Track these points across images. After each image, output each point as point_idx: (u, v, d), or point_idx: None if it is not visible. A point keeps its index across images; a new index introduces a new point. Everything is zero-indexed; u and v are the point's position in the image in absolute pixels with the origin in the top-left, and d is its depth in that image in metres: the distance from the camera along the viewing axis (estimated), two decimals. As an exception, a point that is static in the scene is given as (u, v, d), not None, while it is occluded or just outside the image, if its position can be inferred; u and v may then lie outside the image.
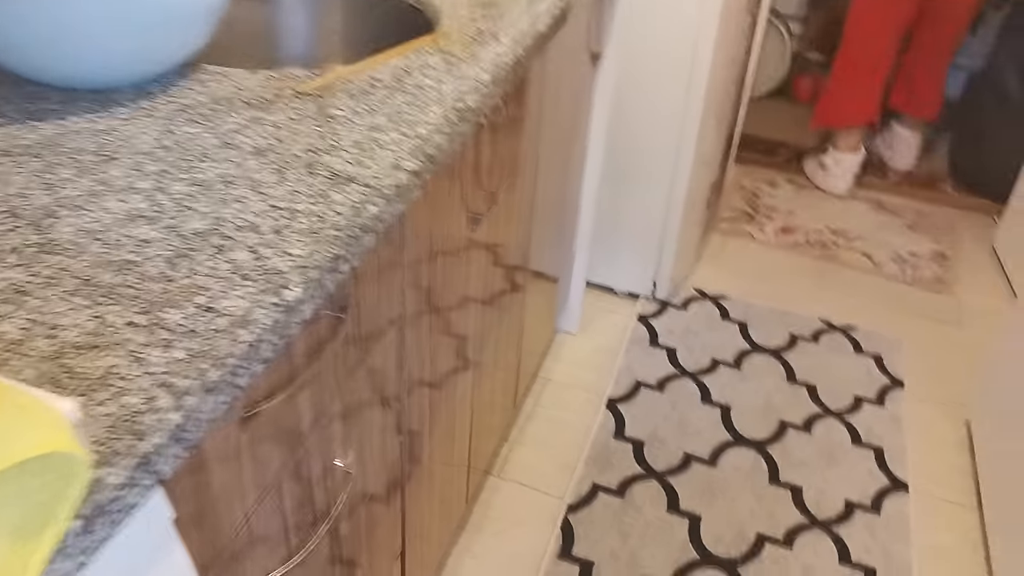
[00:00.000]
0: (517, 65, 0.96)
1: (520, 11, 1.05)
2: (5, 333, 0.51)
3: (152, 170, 0.68)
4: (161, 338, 0.51)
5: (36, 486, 0.38)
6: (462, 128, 0.83)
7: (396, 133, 0.76)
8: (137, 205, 0.63)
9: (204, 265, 0.58)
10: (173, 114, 0.76)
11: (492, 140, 1.04)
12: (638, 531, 1.51)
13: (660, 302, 2.06)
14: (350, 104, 0.80)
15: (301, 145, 0.73)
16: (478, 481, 1.52)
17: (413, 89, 0.84)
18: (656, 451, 1.67)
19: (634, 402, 1.78)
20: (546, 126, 1.31)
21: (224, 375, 0.50)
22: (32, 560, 0.37)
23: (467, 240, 1.05)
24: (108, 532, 0.42)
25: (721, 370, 1.87)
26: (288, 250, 0.60)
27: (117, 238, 0.60)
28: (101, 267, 0.57)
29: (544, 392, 1.80)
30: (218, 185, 0.67)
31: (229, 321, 0.53)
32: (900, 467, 1.68)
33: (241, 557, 0.66)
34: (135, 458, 0.43)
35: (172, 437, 0.46)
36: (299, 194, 0.67)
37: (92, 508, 0.41)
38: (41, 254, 0.58)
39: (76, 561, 0.40)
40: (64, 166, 0.67)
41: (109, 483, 0.42)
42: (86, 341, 0.50)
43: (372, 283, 0.78)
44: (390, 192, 0.69)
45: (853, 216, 2.44)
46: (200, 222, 0.62)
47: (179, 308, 0.54)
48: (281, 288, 0.56)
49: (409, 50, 0.93)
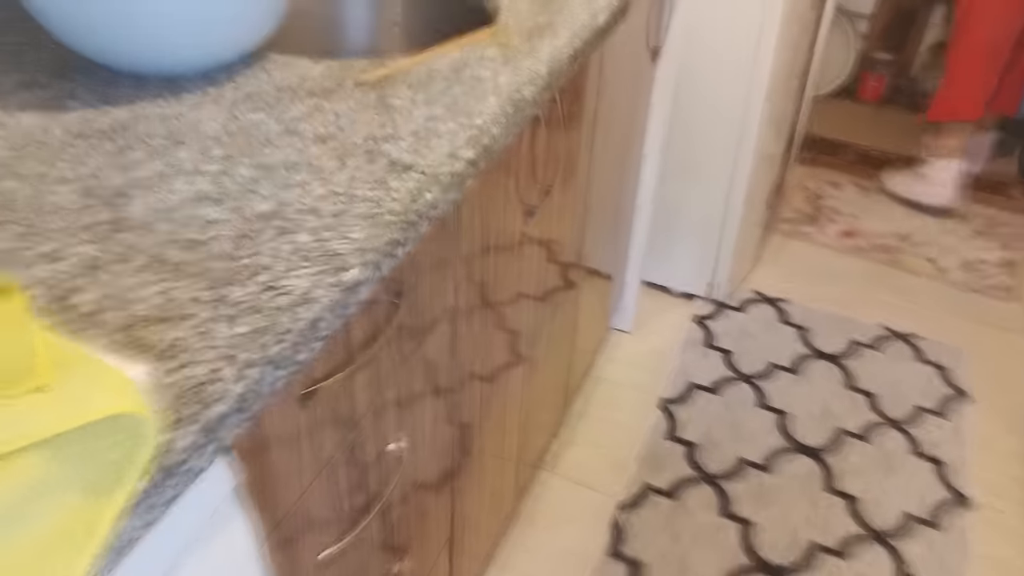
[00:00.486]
0: (575, 58, 0.96)
1: (579, 5, 1.05)
2: (79, 305, 0.53)
3: (218, 154, 0.70)
4: (225, 313, 0.53)
5: (108, 445, 0.39)
6: (518, 119, 0.83)
7: (453, 123, 0.77)
8: (204, 187, 0.65)
9: (266, 246, 0.59)
10: (238, 101, 0.78)
11: (548, 133, 1.04)
12: (689, 534, 1.49)
13: (717, 303, 2.03)
14: (409, 94, 0.82)
15: (361, 133, 0.74)
16: (528, 476, 1.52)
17: (471, 80, 0.85)
18: (709, 454, 1.65)
19: (688, 404, 1.76)
20: (602, 121, 1.31)
21: (284, 350, 0.51)
22: (104, 516, 0.39)
23: (520, 234, 1.06)
24: (174, 493, 0.44)
25: (778, 374, 1.84)
26: (347, 234, 0.61)
27: (184, 218, 0.62)
28: (169, 245, 0.59)
29: (596, 390, 1.79)
30: (281, 170, 0.68)
31: (290, 300, 0.54)
32: (960, 479, 1.63)
33: (296, 532, 0.67)
34: (200, 424, 0.45)
35: (235, 407, 0.47)
36: (358, 180, 0.68)
37: (160, 470, 0.42)
38: (113, 231, 0.60)
39: (144, 519, 0.42)
40: (135, 149, 0.70)
41: (176, 447, 0.43)
42: (154, 314, 0.52)
43: (427, 273, 0.79)
44: (446, 180, 0.70)
45: (918, 220, 2.38)
46: (263, 205, 0.64)
47: (242, 286, 0.55)
48: (340, 270, 0.58)
49: (468, 43, 0.94)
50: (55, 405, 0.38)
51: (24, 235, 0.59)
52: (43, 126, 0.73)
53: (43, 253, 0.58)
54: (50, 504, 0.38)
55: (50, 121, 0.74)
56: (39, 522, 0.38)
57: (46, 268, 0.56)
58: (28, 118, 0.74)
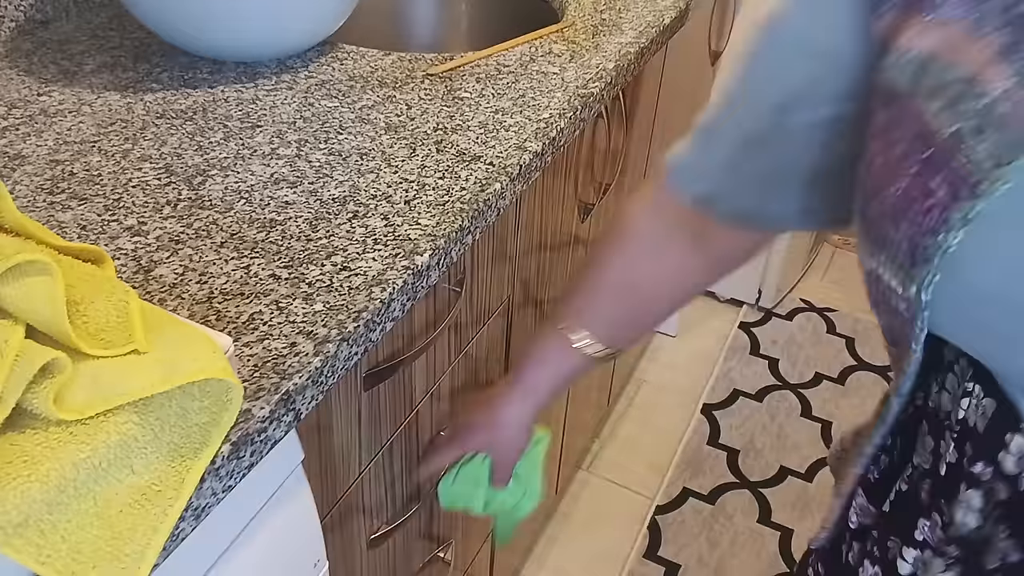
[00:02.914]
0: (640, 56, 0.97)
1: (644, 4, 1.06)
2: (163, 276, 0.55)
3: (293, 139, 0.72)
4: (302, 291, 0.54)
5: (196, 408, 0.41)
6: (583, 115, 0.84)
7: (520, 116, 0.78)
8: (280, 170, 0.67)
9: (341, 228, 0.61)
10: (312, 88, 0.80)
11: (609, 132, 1.05)
12: (727, 539, 1.49)
13: (764, 311, 2.02)
14: (477, 87, 0.83)
15: (431, 124, 0.76)
16: (568, 474, 1.52)
17: (537, 75, 0.86)
18: (752, 461, 1.64)
19: (731, 410, 1.75)
20: (661, 122, 1.31)
21: (359, 327, 0.52)
22: (188, 477, 0.40)
23: (575, 233, 1.06)
24: (253, 461, 0.45)
25: (824, 384, 1.82)
26: (418, 220, 0.63)
27: (262, 198, 0.63)
28: (247, 223, 0.60)
29: (638, 393, 1.79)
30: (354, 156, 0.70)
31: (363, 280, 0.56)
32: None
33: (351, 512, 0.69)
34: (278, 395, 0.46)
35: (311, 379, 0.48)
36: (428, 169, 0.69)
37: (240, 435, 0.44)
38: (194, 208, 0.62)
39: (224, 483, 0.43)
40: (214, 130, 0.72)
41: (255, 415, 0.45)
42: (234, 288, 0.54)
43: (486, 265, 0.80)
44: (513, 171, 0.71)
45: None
46: (337, 189, 0.65)
47: (318, 265, 0.57)
48: (412, 254, 0.59)
49: (535, 38, 0.95)
50: (150, 367, 0.39)
51: (109, 208, 0.62)
52: (126, 106, 0.75)
53: (128, 226, 0.60)
54: (140, 462, 0.40)
55: (133, 101, 0.76)
56: (129, 479, 0.39)
57: (130, 240, 0.58)
58: (112, 98, 0.77)
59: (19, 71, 0.81)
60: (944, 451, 0.47)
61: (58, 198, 0.62)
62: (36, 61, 0.83)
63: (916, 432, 0.51)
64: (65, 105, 0.75)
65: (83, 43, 0.87)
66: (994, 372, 0.42)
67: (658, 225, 0.58)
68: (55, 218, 0.60)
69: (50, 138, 0.70)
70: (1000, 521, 0.44)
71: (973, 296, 0.38)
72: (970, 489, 0.45)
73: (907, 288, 0.39)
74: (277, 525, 0.53)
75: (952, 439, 0.46)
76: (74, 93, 0.77)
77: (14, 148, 0.68)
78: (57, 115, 0.73)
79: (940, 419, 0.48)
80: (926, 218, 0.37)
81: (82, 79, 0.80)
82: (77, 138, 0.70)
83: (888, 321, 0.44)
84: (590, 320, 0.62)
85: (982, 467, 0.44)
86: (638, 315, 0.63)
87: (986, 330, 0.40)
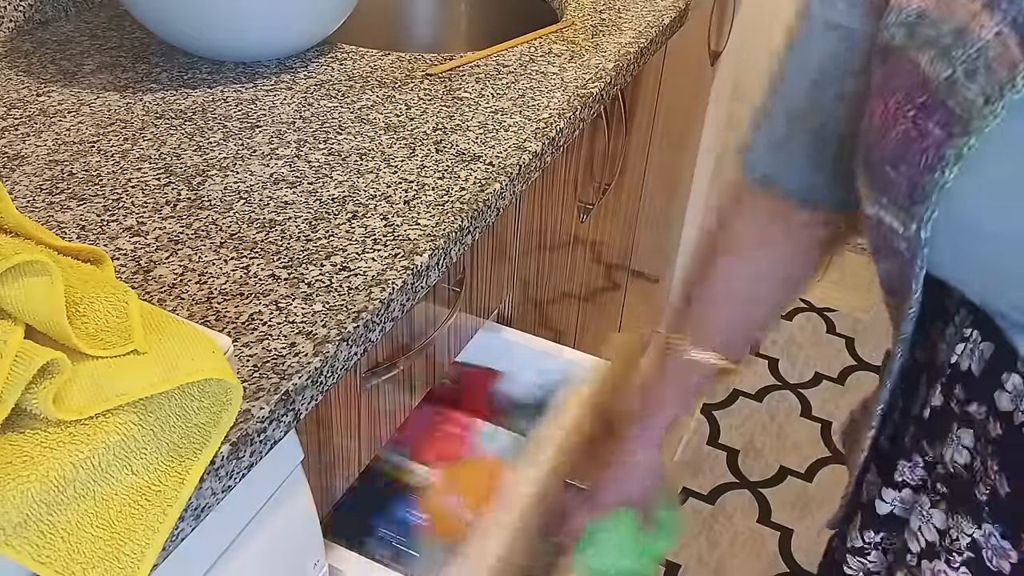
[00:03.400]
0: (639, 57, 0.96)
1: (644, 4, 1.06)
2: (162, 276, 0.55)
3: (292, 139, 0.72)
4: (301, 291, 0.54)
5: (195, 408, 0.41)
6: (583, 115, 0.84)
7: (519, 116, 0.78)
8: (279, 170, 0.67)
9: (340, 228, 0.61)
10: (312, 88, 0.80)
11: (608, 132, 1.05)
12: (727, 539, 1.49)
13: (762, 311, 2.02)
14: (476, 87, 0.83)
15: (430, 124, 0.76)
16: (568, 474, 1.52)
17: (537, 75, 0.86)
18: (751, 461, 1.64)
19: (731, 410, 1.75)
20: (661, 122, 1.31)
21: (359, 327, 0.52)
22: (188, 477, 0.40)
23: (574, 233, 1.06)
24: (252, 461, 0.45)
25: (824, 384, 1.82)
26: (417, 220, 0.63)
27: (261, 198, 0.63)
28: (246, 223, 0.60)
29: (638, 393, 1.79)
30: (353, 156, 0.70)
31: (363, 280, 0.56)
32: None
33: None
34: (278, 395, 0.46)
35: (311, 379, 0.48)
36: (427, 169, 0.69)
37: (240, 436, 0.44)
38: (193, 208, 0.62)
39: (224, 483, 0.43)
40: (213, 130, 0.72)
41: (255, 415, 0.45)
42: (233, 289, 0.54)
43: (486, 265, 0.80)
44: (513, 171, 0.71)
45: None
46: (337, 189, 0.65)
47: (317, 266, 0.57)
48: (411, 254, 0.59)
49: (534, 38, 0.95)
50: (150, 367, 0.39)
51: (109, 208, 0.62)
52: (126, 106, 0.75)
53: (127, 226, 0.60)
54: (139, 463, 0.40)
55: (132, 101, 0.76)
56: (128, 479, 0.39)
57: (130, 241, 0.58)
58: (111, 98, 0.77)
59: (18, 71, 0.81)
60: (930, 396, 0.49)
61: (57, 198, 0.62)
62: (35, 61, 0.83)
63: (917, 388, 0.52)
64: (64, 105, 0.75)
65: (82, 43, 0.87)
66: (991, 312, 0.44)
67: (748, 221, 0.59)
68: (54, 218, 0.60)
69: (49, 138, 0.70)
70: (993, 456, 0.45)
71: (969, 231, 0.40)
72: (961, 428, 0.47)
73: (908, 227, 0.41)
74: (277, 525, 0.53)
75: (941, 383, 0.48)
76: (73, 93, 0.77)
77: (13, 148, 0.68)
78: (56, 115, 0.73)
79: (936, 369, 0.49)
80: (923, 157, 0.39)
81: (81, 79, 0.80)
82: (76, 138, 0.70)
83: (888, 266, 0.47)
84: (705, 337, 0.62)
85: (976, 407, 0.46)
86: (748, 319, 0.64)
87: (982, 266, 0.42)
